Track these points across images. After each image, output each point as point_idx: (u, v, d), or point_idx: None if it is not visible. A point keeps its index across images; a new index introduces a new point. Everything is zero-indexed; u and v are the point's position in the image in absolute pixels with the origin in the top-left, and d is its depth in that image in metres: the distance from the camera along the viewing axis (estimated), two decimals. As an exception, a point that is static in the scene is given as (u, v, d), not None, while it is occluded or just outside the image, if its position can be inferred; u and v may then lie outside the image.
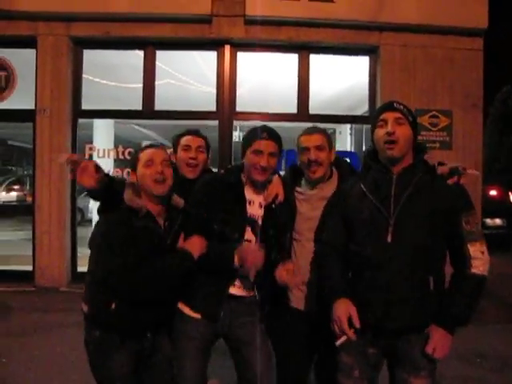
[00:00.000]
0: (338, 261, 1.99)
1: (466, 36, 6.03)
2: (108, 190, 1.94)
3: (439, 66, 6.05)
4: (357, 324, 1.85)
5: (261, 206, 2.17)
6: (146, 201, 2.04)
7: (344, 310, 1.87)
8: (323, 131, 2.31)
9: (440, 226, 1.84)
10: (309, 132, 2.29)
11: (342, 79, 7.42)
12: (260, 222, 2.14)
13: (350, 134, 10.11)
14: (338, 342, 1.88)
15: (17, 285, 5.87)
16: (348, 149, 9.57)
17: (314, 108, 6.30)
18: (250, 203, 2.15)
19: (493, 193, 10.43)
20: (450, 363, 3.61)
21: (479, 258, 1.83)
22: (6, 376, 3.41)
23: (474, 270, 1.82)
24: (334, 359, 2.06)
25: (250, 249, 2.04)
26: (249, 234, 2.12)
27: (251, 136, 2.15)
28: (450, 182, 1.90)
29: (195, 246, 2.04)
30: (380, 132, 1.91)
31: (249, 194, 2.17)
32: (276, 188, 2.18)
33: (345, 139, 10.32)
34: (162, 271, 1.97)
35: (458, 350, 3.82)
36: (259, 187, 2.18)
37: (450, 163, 1.98)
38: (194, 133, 2.61)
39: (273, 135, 2.14)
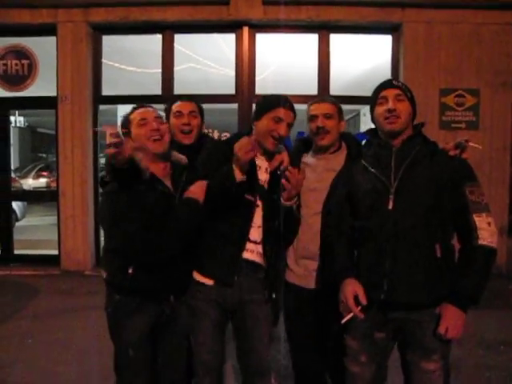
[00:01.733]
0: (344, 243, 1.99)
1: (495, 9, 5.73)
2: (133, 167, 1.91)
3: (466, 42, 5.80)
4: (363, 301, 1.83)
5: (266, 171, 2.15)
6: (146, 162, 1.98)
7: (350, 288, 1.87)
8: (333, 101, 2.30)
9: (443, 197, 1.81)
10: (318, 100, 2.30)
11: (364, 59, 7.22)
12: (266, 186, 2.13)
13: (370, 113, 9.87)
14: (344, 320, 1.88)
15: (43, 268, 6.06)
16: (372, 130, 9.37)
17: (335, 89, 6.17)
18: (257, 168, 2.14)
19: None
20: (473, 350, 3.54)
21: (486, 229, 1.77)
22: (31, 357, 3.52)
23: (481, 242, 1.76)
24: (336, 343, 2.06)
25: (238, 144, 1.98)
26: (257, 200, 2.10)
27: (271, 102, 2.09)
28: (451, 153, 1.90)
29: (197, 189, 2.00)
30: (380, 109, 1.93)
31: (257, 159, 2.12)
32: (281, 154, 2.15)
33: (369, 120, 10.10)
34: (175, 225, 1.92)
35: (481, 337, 3.75)
36: (268, 154, 2.14)
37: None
38: (185, 98, 2.56)
39: (293, 107, 2.13)
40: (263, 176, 2.14)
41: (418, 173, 1.85)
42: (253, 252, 2.08)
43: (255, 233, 2.07)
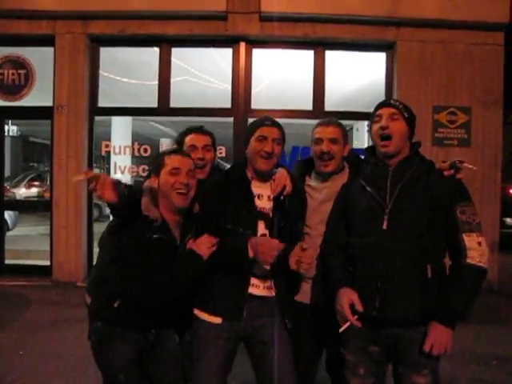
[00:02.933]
0: (340, 257, 2.01)
1: (487, 30, 5.89)
2: (129, 203, 1.85)
3: (458, 61, 5.93)
4: (359, 308, 1.85)
5: (269, 198, 2.12)
6: (163, 209, 1.98)
7: (346, 297, 1.89)
8: (339, 124, 2.30)
9: (436, 216, 1.84)
10: (324, 123, 2.29)
11: (358, 76, 7.33)
12: (271, 214, 2.10)
13: (368, 131, 9.99)
14: (341, 329, 1.90)
15: (35, 279, 6.00)
16: (365, 146, 9.48)
17: (329, 105, 6.25)
18: (258, 197, 2.11)
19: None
20: (465, 365, 3.56)
21: (475, 249, 1.80)
22: (23, 368, 3.48)
23: (469, 261, 1.79)
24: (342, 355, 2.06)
25: (263, 238, 2.01)
26: (262, 229, 2.08)
27: (254, 124, 2.13)
28: (446, 173, 1.92)
29: (203, 245, 1.98)
30: (375, 127, 1.96)
31: (256, 188, 2.12)
32: (283, 179, 2.11)
33: (362, 136, 10.22)
34: (173, 277, 1.92)
35: (474, 351, 3.77)
36: (265, 177, 2.12)
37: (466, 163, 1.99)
38: (199, 130, 2.49)
39: (276, 123, 2.13)
40: (267, 204, 2.10)
41: (413, 193, 1.87)
42: (258, 287, 2.06)
43: (259, 267, 2.02)
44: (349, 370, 2.00)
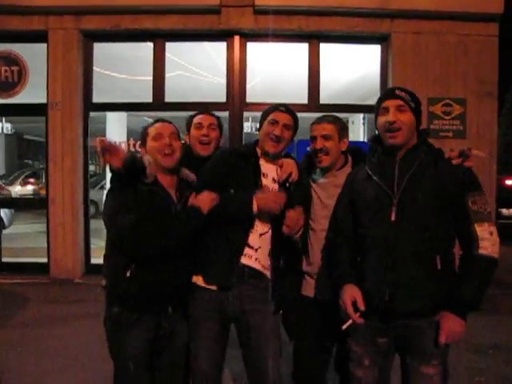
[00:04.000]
0: (346, 249, 2.01)
1: (481, 21, 5.88)
2: (131, 168, 1.96)
3: (452, 53, 5.93)
4: (362, 307, 1.86)
5: (274, 180, 2.18)
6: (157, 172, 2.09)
7: (349, 294, 1.90)
8: (334, 120, 2.32)
9: (446, 206, 1.83)
10: (318, 121, 2.33)
11: (353, 68, 7.33)
12: None
13: (363, 124, 10.02)
14: (344, 326, 1.90)
15: (32, 276, 5.99)
16: (361, 138, 9.49)
17: (324, 98, 6.25)
18: (264, 175, 2.17)
19: (509, 183, 10.25)
20: (463, 354, 3.59)
21: (487, 239, 1.79)
22: (21, 365, 3.48)
23: (481, 251, 1.78)
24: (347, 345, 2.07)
25: (270, 191, 2.09)
26: None
27: (269, 109, 2.22)
28: (454, 162, 1.89)
29: (204, 200, 2.06)
30: (381, 120, 1.93)
31: (263, 166, 2.18)
32: (290, 167, 2.17)
33: (357, 129, 10.24)
34: (172, 223, 2.00)
35: (471, 341, 3.80)
36: (272, 158, 2.18)
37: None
38: (206, 112, 2.67)
39: (290, 110, 2.21)
40: (271, 185, 2.16)
41: (421, 184, 1.84)
42: (251, 257, 2.09)
43: (255, 239, 2.09)
44: (354, 361, 2.00)
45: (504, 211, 9.41)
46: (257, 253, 2.10)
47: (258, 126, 2.29)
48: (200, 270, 2.12)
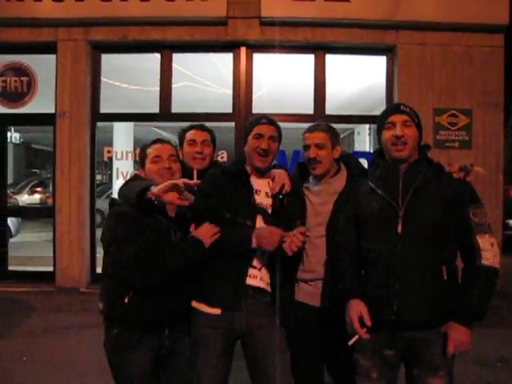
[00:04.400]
0: (350, 263, 2.02)
1: (486, 32, 5.90)
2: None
3: (458, 64, 5.94)
4: (368, 322, 1.87)
5: (267, 195, 2.17)
6: None
7: (355, 309, 1.90)
8: (326, 128, 2.34)
9: (449, 218, 1.88)
10: (310, 130, 2.34)
11: (358, 79, 7.36)
12: (269, 210, 2.15)
13: (369, 135, 10.05)
14: (350, 342, 1.91)
15: (38, 285, 6.00)
16: (367, 149, 9.50)
17: (330, 109, 6.27)
18: (256, 192, 2.16)
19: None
20: (470, 367, 3.55)
21: (489, 250, 1.85)
22: (26, 374, 3.49)
23: (484, 262, 1.84)
24: (345, 357, 2.08)
25: (268, 228, 2.05)
26: (260, 223, 2.11)
27: (252, 123, 2.21)
28: (455, 176, 1.97)
29: (206, 233, 2.04)
30: (388, 134, 1.96)
31: (255, 183, 2.18)
32: (282, 178, 2.17)
33: (363, 140, 10.26)
34: (174, 258, 1.97)
35: (478, 354, 3.76)
36: (262, 174, 2.18)
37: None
38: (199, 127, 2.64)
39: (272, 121, 2.20)
40: (265, 200, 2.16)
41: (426, 196, 1.89)
42: (256, 277, 2.09)
43: (257, 259, 2.10)
44: (361, 374, 2.00)
45: (511, 222, 9.33)
46: (260, 272, 2.10)
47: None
48: (202, 295, 2.10)
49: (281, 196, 2.15)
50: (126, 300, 1.94)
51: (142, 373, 1.99)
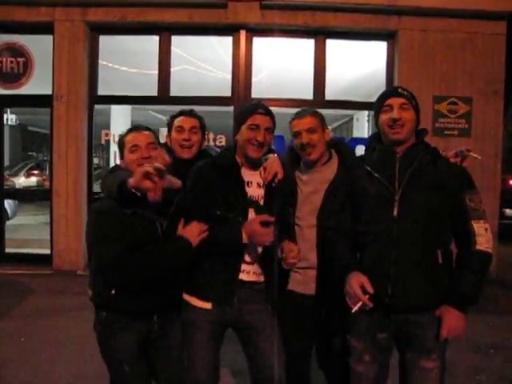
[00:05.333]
0: (346, 244, 2.02)
1: (488, 19, 5.84)
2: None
3: (459, 51, 5.89)
4: (370, 290, 1.85)
5: (259, 185, 2.12)
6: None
7: (356, 279, 1.88)
8: (314, 113, 2.29)
9: (444, 203, 1.89)
10: (299, 116, 2.28)
11: (359, 65, 7.30)
12: (262, 202, 2.10)
13: (368, 121, 10.01)
14: (354, 309, 1.88)
15: (35, 268, 6.01)
16: (365, 135, 9.48)
17: (330, 94, 6.24)
18: (248, 184, 2.10)
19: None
20: (463, 354, 3.59)
21: (483, 235, 1.86)
22: (23, 355, 3.51)
23: (478, 247, 1.85)
24: (334, 344, 2.13)
25: (259, 224, 2.00)
26: (252, 216, 2.07)
27: (246, 111, 2.10)
28: (452, 160, 1.99)
29: (193, 232, 1.99)
30: (385, 117, 1.95)
31: (246, 174, 2.10)
32: (275, 166, 2.11)
33: (362, 126, 10.24)
34: (159, 260, 1.93)
35: (471, 340, 3.81)
36: (255, 165, 2.12)
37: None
38: (188, 113, 2.55)
39: (269, 111, 2.11)
40: (256, 192, 2.10)
41: (422, 180, 1.90)
42: (249, 273, 2.08)
43: (250, 254, 2.07)
44: (354, 356, 2.01)
45: (507, 211, 9.36)
46: (253, 266, 2.08)
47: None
48: (193, 289, 2.09)
49: (273, 184, 2.10)
50: (113, 291, 1.91)
51: (130, 355, 1.99)
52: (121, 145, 2.07)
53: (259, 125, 2.04)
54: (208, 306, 2.05)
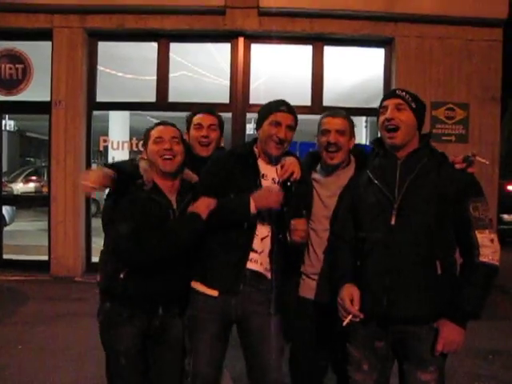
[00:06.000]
0: (347, 253, 1.98)
1: (485, 26, 5.88)
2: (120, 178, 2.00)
3: (456, 57, 5.93)
4: (356, 305, 1.84)
5: (274, 181, 2.13)
6: (156, 176, 2.07)
7: (347, 292, 1.86)
8: (347, 116, 2.28)
9: (447, 211, 1.80)
10: (332, 114, 2.27)
11: (356, 71, 7.34)
12: None
13: (365, 127, 10.05)
14: (344, 323, 1.86)
15: (33, 274, 5.99)
16: (363, 142, 9.50)
17: (328, 100, 6.25)
18: (263, 176, 2.12)
19: (511, 188, 10.23)
20: (462, 360, 3.57)
21: (488, 246, 1.76)
22: (21, 362, 3.49)
23: (482, 259, 1.75)
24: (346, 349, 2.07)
25: (267, 188, 2.04)
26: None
27: (269, 108, 2.13)
28: (457, 166, 1.87)
29: (202, 205, 2.03)
30: (381, 118, 1.92)
31: (262, 167, 2.13)
32: (292, 166, 2.12)
33: (360, 132, 10.25)
34: (170, 231, 1.98)
35: (470, 346, 3.78)
36: (273, 161, 2.14)
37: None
38: (207, 111, 2.59)
39: (291, 109, 2.13)
40: (271, 186, 2.12)
41: (422, 189, 1.83)
42: (256, 262, 2.07)
43: (258, 243, 2.07)
44: (352, 365, 1.98)
45: (505, 217, 9.39)
46: (260, 256, 2.08)
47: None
48: (201, 276, 2.09)
49: (289, 183, 2.10)
50: (122, 275, 1.97)
51: (128, 348, 2.01)
52: (146, 137, 2.14)
53: (281, 122, 2.07)
54: (215, 293, 2.05)
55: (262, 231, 2.09)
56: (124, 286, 1.97)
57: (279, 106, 2.11)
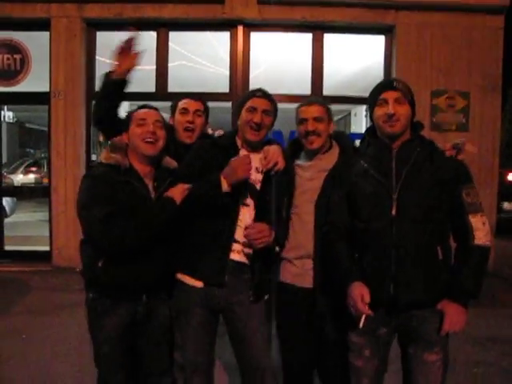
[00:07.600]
0: (345, 245, 2.00)
1: (486, 13, 5.85)
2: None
3: (457, 45, 5.90)
4: (367, 301, 1.85)
5: (257, 170, 2.14)
6: (134, 160, 2.06)
7: (358, 292, 1.88)
8: (322, 102, 2.29)
9: (442, 198, 1.87)
10: (307, 103, 2.27)
11: (357, 60, 7.26)
12: (259, 186, 2.12)
13: (366, 116, 9.99)
14: (361, 324, 1.88)
15: (34, 265, 6.03)
16: (363, 130, 9.46)
17: (328, 89, 6.23)
18: None
19: (511, 177, 10.22)
20: (461, 347, 3.60)
21: (481, 229, 1.86)
22: (24, 353, 3.52)
23: (477, 242, 1.85)
24: (332, 337, 2.12)
25: (232, 161, 2.03)
26: (247, 199, 2.10)
27: (246, 95, 2.19)
28: (447, 153, 1.96)
29: (176, 191, 2.01)
30: (380, 111, 1.93)
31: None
32: (276, 155, 2.13)
33: (360, 121, 10.21)
34: (143, 217, 1.95)
35: (469, 334, 3.81)
36: (254, 148, 2.15)
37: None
38: (193, 97, 2.59)
39: (267, 94, 2.16)
40: (254, 175, 2.12)
41: (420, 178, 1.88)
42: (239, 253, 2.09)
43: (240, 233, 2.07)
44: (354, 352, 2.01)
45: (506, 205, 9.41)
46: (242, 245, 2.08)
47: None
48: (186, 267, 2.11)
49: (272, 173, 2.12)
50: (100, 264, 1.95)
51: (111, 337, 2.02)
52: (128, 119, 2.11)
53: (257, 107, 2.10)
54: (199, 284, 2.07)
55: (246, 220, 2.09)
56: (104, 274, 1.95)
57: (255, 92, 2.16)
